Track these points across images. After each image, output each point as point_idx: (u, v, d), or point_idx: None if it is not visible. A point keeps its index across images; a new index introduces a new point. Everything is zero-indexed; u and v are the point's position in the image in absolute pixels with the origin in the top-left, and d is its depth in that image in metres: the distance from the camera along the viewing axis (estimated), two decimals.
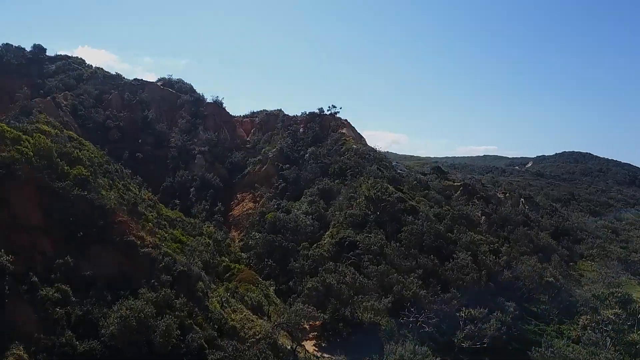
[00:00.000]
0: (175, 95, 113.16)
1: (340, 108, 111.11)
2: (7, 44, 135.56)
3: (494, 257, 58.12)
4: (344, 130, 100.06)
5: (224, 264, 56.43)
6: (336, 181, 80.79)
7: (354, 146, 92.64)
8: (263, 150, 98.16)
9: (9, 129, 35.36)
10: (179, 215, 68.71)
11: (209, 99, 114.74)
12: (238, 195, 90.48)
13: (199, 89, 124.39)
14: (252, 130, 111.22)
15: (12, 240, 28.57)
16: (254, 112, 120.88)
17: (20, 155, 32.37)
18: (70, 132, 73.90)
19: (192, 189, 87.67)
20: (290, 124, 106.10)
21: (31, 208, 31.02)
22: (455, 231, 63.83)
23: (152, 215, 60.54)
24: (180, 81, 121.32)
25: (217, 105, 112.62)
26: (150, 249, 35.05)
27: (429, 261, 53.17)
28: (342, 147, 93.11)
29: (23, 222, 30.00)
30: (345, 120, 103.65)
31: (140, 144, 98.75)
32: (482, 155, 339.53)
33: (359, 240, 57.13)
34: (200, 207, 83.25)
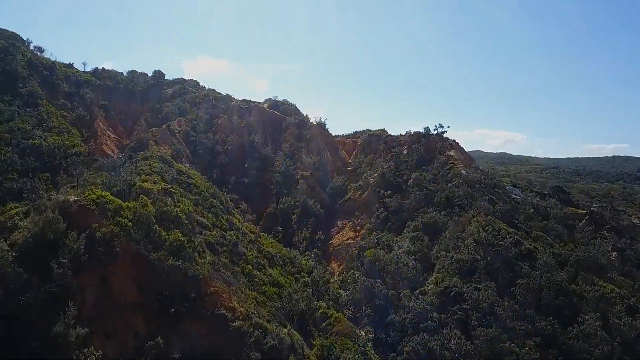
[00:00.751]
0: (280, 117, 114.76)
1: (448, 127, 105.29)
2: (132, 71, 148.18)
3: (630, 319, 49.77)
4: (451, 153, 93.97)
5: (321, 310, 54.73)
6: (442, 212, 75.61)
7: (463, 172, 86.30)
8: (364, 174, 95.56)
9: (112, 198, 36.38)
10: (278, 250, 68.55)
11: (312, 120, 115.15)
12: (338, 223, 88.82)
13: (302, 102, 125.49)
14: (354, 152, 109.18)
15: (110, 322, 28.99)
16: (356, 131, 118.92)
17: (119, 229, 33.02)
18: (180, 166, 77.41)
19: (293, 216, 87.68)
20: (393, 145, 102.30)
21: (128, 284, 31.51)
22: (580, 281, 56.09)
23: (251, 254, 60.91)
24: (285, 102, 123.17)
25: (321, 126, 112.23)
26: (241, 321, 34.10)
27: (548, 325, 46.73)
28: (449, 172, 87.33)
29: (120, 301, 30.47)
30: (454, 141, 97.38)
31: (246, 169, 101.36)
32: (610, 156, 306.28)
33: (466, 292, 52.18)
34: (300, 236, 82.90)
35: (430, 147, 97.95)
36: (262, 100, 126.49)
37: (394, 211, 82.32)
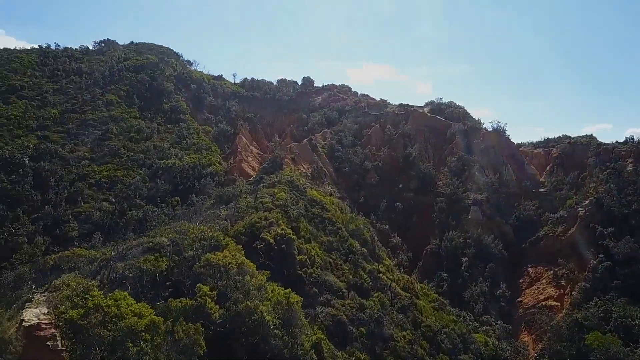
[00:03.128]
0: (444, 124, 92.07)
1: None
2: (281, 79, 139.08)
3: None
4: None
5: None
6: None
7: None
8: (568, 200, 68.07)
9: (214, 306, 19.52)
10: (444, 322, 46.91)
11: (486, 125, 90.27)
12: (530, 271, 63.22)
13: (472, 105, 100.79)
14: (547, 168, 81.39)
15: None
16: (548, 139, 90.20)
17: None
18: (314, 192, 60.61)
19: (464, 259, 64.66)
20: (609, 159, 72.47)
21: None
22: None
23: (401, 337, 40.35)
24: (451, 105, 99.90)
25: (499, 134, 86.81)
26: None
27: None
28: None
29: None
30: None
31: (400, 190, 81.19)
32: None
33: None
34: (475, 291, 59.76)
35: None
36: (422, 104, 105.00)
37: (622, 261, 54.39)
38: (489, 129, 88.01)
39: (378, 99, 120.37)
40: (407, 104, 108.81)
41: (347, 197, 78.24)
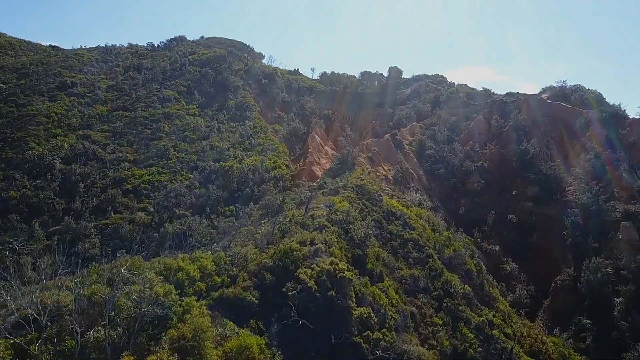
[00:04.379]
0: (571, 112, 70.45)
1: None
2: (365, 72, 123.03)
3: None
4: None
5: None
6: None
7: None
8: None
9: None
10: None
11: (635, 113, 67.35)
12: None
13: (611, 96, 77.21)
14: None
15: None
16: None
17: None
18: (393, 202, 43.84)
19: (618, 300, 43.98)
20: None
21: None
22: None
23: None
24: (579, 88, 77.63)
25: None
26: None
27: None
28: None
29: None
30: None
31: (514, 198, 61.53)
32: None
33: None
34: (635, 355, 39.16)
35: None
36: (537, 92, 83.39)
37: None
38: (637, 117, 65.07)
39: (480, 89, 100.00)
40: (518, 92, 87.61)
41: (442, 207, 60.35)
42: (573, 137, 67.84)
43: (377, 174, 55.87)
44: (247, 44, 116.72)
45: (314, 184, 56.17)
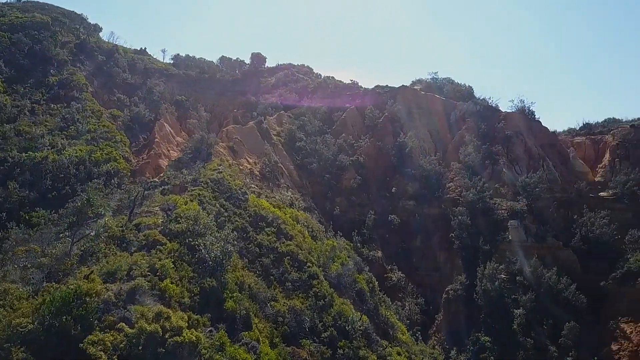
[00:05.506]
0: (446, 104, 66.49)
1: None
2: (225, 57, 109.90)
3: None
4: None
5: None
6: None
7: None
8: None
9: None
10: None
11: (506, 107, 65.27)
12: (625, 328, 37.75)
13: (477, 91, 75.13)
14: (603, 162, 56.92)
15: None
16: (588, 123, 66.10)
17: None
18: (262, 201, 33.05)
19: (518, 312, 38.36)
20: None
21: None
22: None
23: None
24: (449, 81, 74.60)
25: (526, 116, 61.88)
26: None
27: None
28: None
29: None
30: None
31: (394, 195, 54.73)
32: None
33: None
34: None
35: None
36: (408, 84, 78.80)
37: None
38: (512, 111, 62.90)
39: (349, 81, 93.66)
40: (386, 85, 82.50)
41: (316, 207, 51.15)
42: (449, 130, 63.72)
43: (241, 167, 44.50)
44: (81, 14, 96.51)
45: (156, 179, 42.65)
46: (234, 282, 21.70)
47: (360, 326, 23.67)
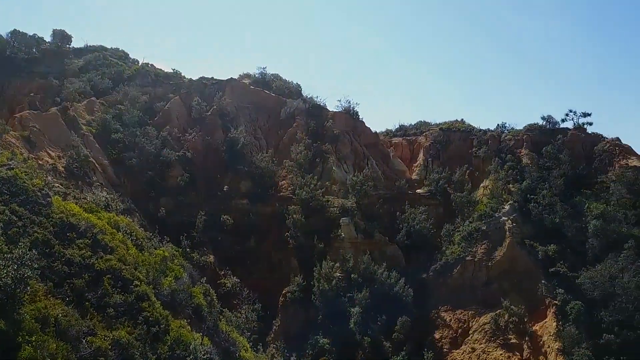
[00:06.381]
0: (277, 101, 65.26)
1: (589, 115, 57.85)
2: (17, 31, 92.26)
3: None
4: (633, 163, 48.95)
5: None
6: None
7: None
8: (478, 206, 48.42)
9: None
10: None
11: (333, 106, 66.47)
12: (445, 316, 40.83)
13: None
14: (418, 161, 61.70)
15: None
16: (403, 125, 71.38)
17: None
18: (71, 207, 26.64)
19: (354, 310, 38.59)
20: (498, 149, 56.04)
21: None
22: None
23: None
24: (277, 78, 73.51)
25: (352, 116, 63.98)
26: None
27: None
28: None
29: None
30: (627, 146, 52.03)
31: (226, 194, 51.32)
32: None
33: None
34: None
35: (573, 149, 52.53)
36: (237, 76, 75.53)
37: (599, 300, 35.59)
38: (338, 110, 64.40)
39: (171, 70, 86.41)
40: (212, 77, 78.12)
41: (137, 209, 44.97)
42: (280, 127, 62.59)
43: (40, 162, 36.35)
44: None
45: None
46: (34, 318, 16.26)
47: (203, 355, 20.06)
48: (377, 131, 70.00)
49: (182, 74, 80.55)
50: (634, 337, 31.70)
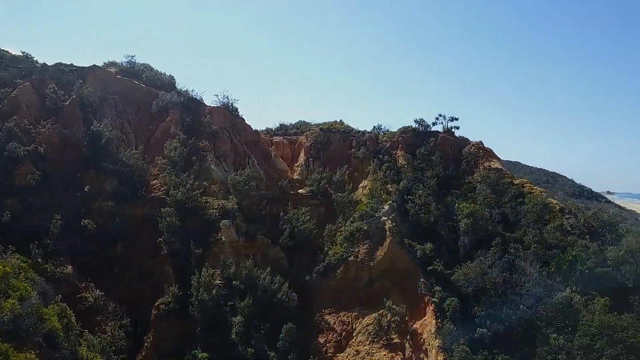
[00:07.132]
0: (147, 92, 59.94)
1: (457, 119, 61.45)
2: None
3: None
4: (494, 164, 53.08)
5: None
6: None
7: (554, 202, 46.53)
8: (358, 205, 48.64)
9: None
10: None
11: (210, 101, 62.81)
12: (329, 319, 40.17)
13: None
14: (300, 161, 60.78)
15: None
16: (283, 125, 70.11)
17: None
18: None
19: (236, 319, 36.10)
20: (377, 149, 57.38)
21: None
22: None
23: None
24: (148, 68, 67.60)
25: (231, 113, 61.00)
26: None
27: None
28: (520, 204, 46.26)
29: None
30: (489, 149, 56.19)
31: (88, 195, 45.29)
32: None
33: None
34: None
35: (443, 151, 55.61)
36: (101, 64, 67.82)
37: (473, 296, 37.50)
38: (216, 106, 60.97)
39: (19, 53, 75.06)
40: (72, 63, 69.49)
41: None
42: (151, 121, 57.53)
43: None
44: None
45: None
46: None
47: None
48: (258, 129, 68.05)
49: (35, 59, 70.66)
50: (503, 330, 33.68)
